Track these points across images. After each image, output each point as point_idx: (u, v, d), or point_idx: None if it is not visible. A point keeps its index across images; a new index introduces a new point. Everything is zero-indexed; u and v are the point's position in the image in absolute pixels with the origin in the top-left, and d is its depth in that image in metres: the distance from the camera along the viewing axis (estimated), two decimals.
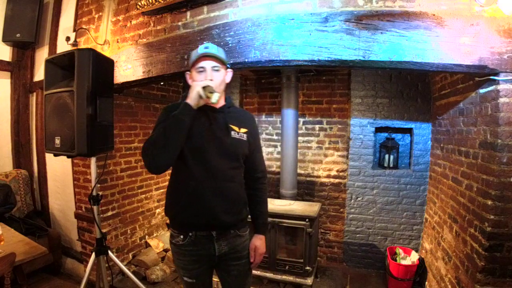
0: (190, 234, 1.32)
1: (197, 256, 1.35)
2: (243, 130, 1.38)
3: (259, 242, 1.45)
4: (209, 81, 1.25)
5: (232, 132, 1.34)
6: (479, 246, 1.58)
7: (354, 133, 2.83)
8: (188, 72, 1.39)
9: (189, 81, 1.37)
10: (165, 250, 3.09)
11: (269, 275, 2.52)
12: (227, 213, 1.32)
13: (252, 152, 1.43)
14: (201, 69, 1.29)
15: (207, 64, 1.28)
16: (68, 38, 2.42)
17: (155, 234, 3.28)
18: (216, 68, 1.29)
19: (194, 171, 1.28)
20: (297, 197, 2.89)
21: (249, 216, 1.50)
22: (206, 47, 1.28)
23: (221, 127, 1.33)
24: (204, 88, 1.22)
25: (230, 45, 1.78)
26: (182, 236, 1.33)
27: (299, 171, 2.99)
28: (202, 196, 1.28)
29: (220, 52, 1.31)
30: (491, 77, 1.49)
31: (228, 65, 1.38)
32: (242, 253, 1.42)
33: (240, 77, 3.23)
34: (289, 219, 2.46)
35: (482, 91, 1.63)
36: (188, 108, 1.22)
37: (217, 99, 1.23)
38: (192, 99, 1.23)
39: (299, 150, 2.96)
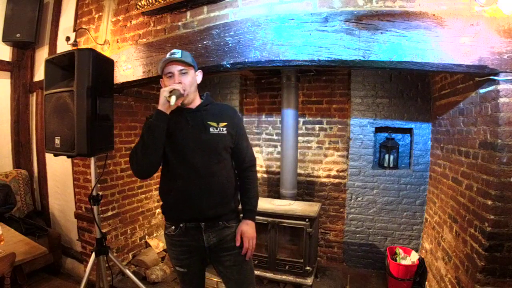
0: (181, 225, 1.40)
1: (188, 247, 1.42)
2: (222, 124, 1.42)
3: (246, 227, 1.46)
4: (176, 85, 1.33)
5: (211, 128, 1.40)
6: (479, 246, 1.58)
7: (354, 133, 2.83)
8: (161, 79, 1.45)
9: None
10: (165, 250, 3.09)
11: (269, 275, 2.52)
12: (212, 207, 1.38)
13: (236, 143, 1.48)
14: (169, 74, 1.38)
15: (174, 68, 1.36)
16: (68, 38, 2.42)
17: (155, 234, 3.28)
18: (183, 71, 1.37)
19: (179, 171, 1.37)
20: (297, 197, 2.90)
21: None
22: (172, 53, 1.37)
23: (199, 125, 1.40)
24: (170, 92, 1.30)
25: (230, 45, 1.78)
26: (173, 227, 1.42)
27: (299, 171, 2.99)
28: (188, 194, 1.36)
29: (185, 56, 1.38)
30: (491, 77, 1.49)
31: (195, 67, 1.44)
32: (231, 244, 1.44)
33: (240, 77, 3.23)
34: (289, 219, 2.46)
35: (482, 91, 1.63)
36: (160, 113, 1.31)
37: (176, 101, 1.29)
38: (161, 105, 1.31)
39: (299, 150, 2.96)
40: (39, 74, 3.16)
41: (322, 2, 1.63)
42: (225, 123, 1.43)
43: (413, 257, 2.53)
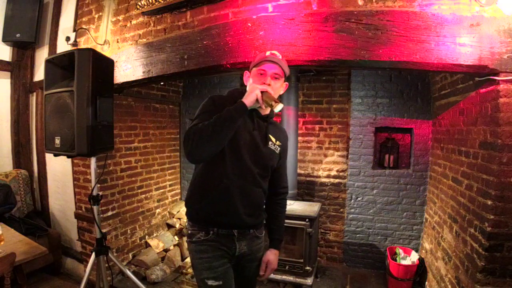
0: (212, 231, 1.31)
1: (222, 251, 1.31)
2: (278, 142, 1.41)
3: (273, 257, 1.45)
4: (269, 87, 1.26)
5: (270, 143, 1.37)
6: (479, 246, 1.58)
7: (354, 133, 2.83)
8: (246, 71, 1.40)
9: (245, 81, 1.39)
10: (165, 250, 3.09)
11: None
12: (249, 216, 1.33)
13: (279, 166, 1.46)
14: (262, 72, 1.29)
15: (270, 69, 1.28)
16: (68, 38, 2.42)
17: (155, 234, 3.28)
18: (276, 76, 1.30)
19: (229, 170, 1.27)
20: (297, 197, 2.89)
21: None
22: (274, 53, 1.31)
23: (262, 135, 1.36)
24: (262, 93, 1.23)
25: (230, 45, 1.78)
26: (203, 232, 1.31)
27: (299, 171, 2.99)
28: (231, 195, 1.28)
29: (284, 62, 1.32)
30: (491, 77, 1.49)
31: (286, 77, 1.36)
32: (256, 255, 1.43)
33: (240, 77, 3.23)
34: (289, 219, 2.45)
35: (482, 91, 1.63)
36: (244, 107, 1.21)
37: (280, 110, 1.24)
38: (249, 100, 1.22)
39: (299, 150, 2.96)
40: (39, 74, 3.16)
41: (322, 2, 1.63)
42: (280, 143, 1.41)
43: (413, 257, 2.53)
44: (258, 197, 1.36)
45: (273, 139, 1.39)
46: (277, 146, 1.40)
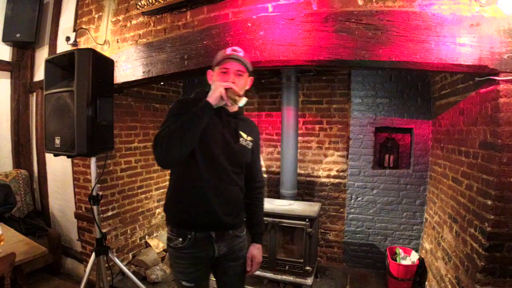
0: (189, 236, 1.31)
1: (197, 259, 1.34)
2: (249, 138, 1.41)
3: (256, 251, 1.46)
4: (232, 84, 1.26)
5: (241, 139, 1.38)
6: (479, 246, 1.58)
7: (354, 133, 2.83)
8: (210, 70, 1.39)
9: (209, 79, 1.39)
10: (165, 250, 3.09)
11: (269, 275, 2.52)
12: (228, 215, 1.34)
13: (253, 161, 1.46)
14: (224, 70, 1.30)
15: (232, 66, 1.29)
16: (68, 38, 2.42)
17: (155, 234, 3.28)
18: (239, 73, 1.30)
19: (203, 171, 1.28)
20: (297, 197, 2.90)
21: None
22: (234, 50, 1.30)
23: (232, 132, 1.36)
24: (226, 90, 1.23)
25: (230, 45, 1.77)
26: (181, 239, 1.33)
27: (299, 171, 2.99)
28: (206, 197, 1.29)
29: (246, 58, 1.32)
30: (491, 77, 1.49)
31: (250, 71, 1.37)
32: (239, 254, 1.43)
33: None
34: (289, 219, 2.46)
35: (482, 91, 1.63)
36: (209, 106, 1.22)
37: (244, 103, 1.26)
38: (213, 99, 1.23)
39: (299, 150, 2.96)
40: (39, 74, 3.16)
41: (322, 2, 1.63)
42: (251, 138, 1.42)
43: (413, 257, 2.53)
44: (235, 196, 1.37)
45: (244, 135, 1.39)
46: (249, 142, 1.40)
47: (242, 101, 1.25)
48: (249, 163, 1.43)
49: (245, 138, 1.39)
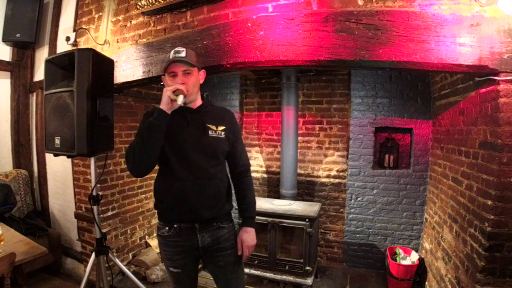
0: (175, 225, 1.40)
1: (182, 247, 1.41)
2: (220, 128, 1.43)
3: (245, 235, 1.48)
4: (179, 85, 1.30)
5: (210, 131, 1.40)
6: (479, 246, 1.58)
7: (354, 133, 2.83)
8: (163, 76, 1.43)
9: (166, 85, 1.42)
10: None
11: (269, 275, 2.52)
12: (208, 208, 1.38)
13: (232, 147, 1.48)
14: (172, 74, 1.35)
15: (178, 68, 1.34)
16: (68, 38, 2.42)
17: (155, 234, 3.27)
18: (187, 72, 1.35)
19: (177, 171, 1.35)
20: (297, 197, 2.90)
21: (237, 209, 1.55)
22: (177, 51, 1.34)
23: (199, 127, 1.40)
24: (174, 92, 1.28)
25: (230, 45, 1.77)
26: (167, 228, 1.41)
27: (299, 171, 2.99)
28: (185, 195, 1.35)
29: (189, 55, 1.35)
30: (491, 77, 1.49)
31: (198, 66, 1.41)
32: (225, 244, 1.45)
33: (240, 77, 3.23)
34: (289, 219, 2.46)
35: (482, 91, 1.63)
36: (161, 113, 1.28)
37: (183, 101, 1.29)
38: (163, 104, 1.28)
39: (299, 150, 2.96)
40: (39, 74, 3.16)
41: (322, 2, 1.63)
42: (223, 127, 1.43)
43: (413, 257, 2.53)
44: (214, 189, 1.40)
45: (213, 127, 1.41)
46: (220, 131, 1.42)
47: (179, 99, 1.28)
48: (229, 150, 1.46)
49: (215, 129, 1.41)
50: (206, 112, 1.44)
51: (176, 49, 1.35)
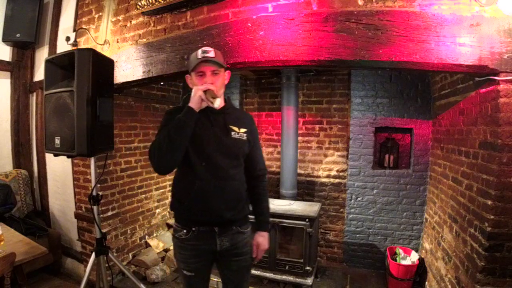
0: (193, 229, 1.37)
1: (199, 251, 1.39)
2: (242, 130, 1.42)
3: (261, 238, 1.50)
4: (210, 85, 1.30)
5: (232, 133, 1.40)
6: (479, 246, 1.58)
7: (354, 133, 2.83)
8: (188, 75, 1.42)
9: (189, 84, 1.42)
10: (165, 250, 3.09)
11: (269, 275, 2.52)
12: (229, 210, 1.37)
13: (252, 150, 1.47)
14: (201, 73, 1.34)
15: (207, 68, 1.32)
16: (68, 38, 2.42)
17: (155, 234, 3.28)
18: (215, 72, 1.34)
19: (198, 171, 1.33)
20: (297, 197, 2.90)
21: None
22: (205, 51, 1.32)
23: (222, 128, 1.39)
24: (205, 92, 1.28)
25: (230, 45, 1.78)
26: (185, 231, 1.38)
27: (299, 171, 2.99)
28: (206, 196, 1.33)
29: (218, 56, 1.35)
30: (491, 77, 1.49)
31: (225, 67, 1.41)
32: (242, 250, 1.44)
33: (240, 77, 3.23)
34: (289, 219, 2.46)
35: (482, 91, 1.63)
36: (191, 111, 1.28)
37: (219, 104, 1.29)
38: (194, 103, 1.28)
39: (299, 150, 2.96)
40: (39, 74, 3.16)
41: (322, 2, 1.63)
42: (245, 129, 1.43)
43: (413, 257, 2.53)
44: (234, 190, 1.39)
45: (236, 128, 1.41)
46: (243, 134, 1.42)
47: (217, 102, 1.28)
48: (248, 153, 1.46)
49: (237, 131, 1.41)
50: (228, 113, 1.43)
51: (204, 48, 1.34)
